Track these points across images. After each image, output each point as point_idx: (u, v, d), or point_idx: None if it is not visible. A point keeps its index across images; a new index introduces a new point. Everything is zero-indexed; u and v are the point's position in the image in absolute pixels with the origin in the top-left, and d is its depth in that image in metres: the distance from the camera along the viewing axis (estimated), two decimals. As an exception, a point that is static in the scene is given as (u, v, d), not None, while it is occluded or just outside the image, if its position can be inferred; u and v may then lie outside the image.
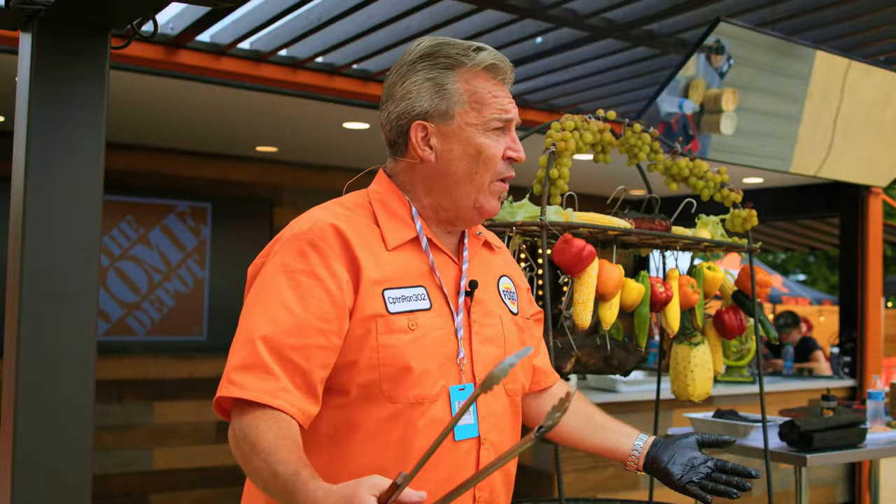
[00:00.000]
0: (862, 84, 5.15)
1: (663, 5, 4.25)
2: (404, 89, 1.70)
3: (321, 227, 1.60)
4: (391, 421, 1.57)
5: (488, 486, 1.69)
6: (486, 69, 1.70)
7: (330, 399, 1.58)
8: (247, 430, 1.47)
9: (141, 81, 4.99)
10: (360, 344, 1.57)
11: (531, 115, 6.03)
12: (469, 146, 1.68)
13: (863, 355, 7.69)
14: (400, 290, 1.62)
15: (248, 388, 1.48)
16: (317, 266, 1.56)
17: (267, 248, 1.66)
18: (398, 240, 1.67)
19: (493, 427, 1.69)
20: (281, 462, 1.42)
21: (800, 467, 3.91)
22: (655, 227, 3.21)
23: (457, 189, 1.69)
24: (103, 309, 6.76)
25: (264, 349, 1.50)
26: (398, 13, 4.34)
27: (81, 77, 1.78)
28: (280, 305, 1.54)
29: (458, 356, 1.65)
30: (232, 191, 7.31)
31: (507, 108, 1.71)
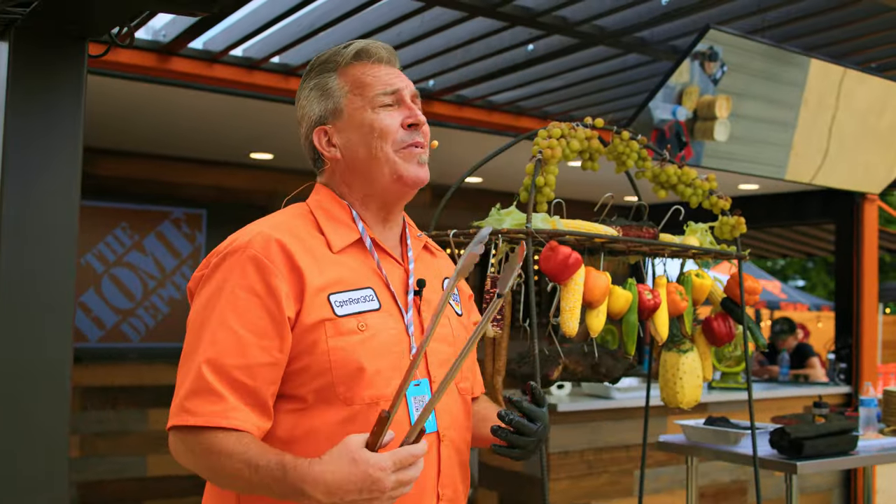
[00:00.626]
0: (857, 91, 5.15)
1: (654, 13, 4.25)
2: (300, 108, 1.80)
3: (261, 241, 1.61)
4: (348, 423, 1.57)
5: (451, 484, 1.71)
6: (356, 57, 1.76)
7: (286, 405, 1.60)
8: (207, 445, 1.51)
9: (134, 88, 4.99)
10: (311, 349, 1.58)
11: (523, 122, 6.04)
12: (363, 128, 1.72)
13: (858, 361, 7.68)
14: (347, 292, 1.63)
15: (200, 414, 1.51)
16: (255, 282, 1.57)
17: (205, 261, 1.66)
18: (343, 242, 1.69)
19: (451, 424, 1.72)
20: (259, 456, 1.47)
21: (790, 475, 3.90)
22: (643, 235, 3.21)
23: (368, 170, 1.73)
24: (97, 315, 6.76)
25: (209, 372, 1.52)
26: (390, 20, 4.34)
27: (59, 86, 1.77)
28: (220, 325, 1.55)
29: (411, 353, 1.66)
30: (227, 197, 7.31)
31: (391, 82, 1.75)
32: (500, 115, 5.98)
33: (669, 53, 4.78)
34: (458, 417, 1.75)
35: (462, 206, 6.75)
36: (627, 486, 6.04)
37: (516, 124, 6.00)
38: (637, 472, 6.06)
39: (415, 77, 5.27)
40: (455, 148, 6.59)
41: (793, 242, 12.54)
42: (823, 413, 4.70)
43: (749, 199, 8.67)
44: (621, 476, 6.01)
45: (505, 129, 6.03)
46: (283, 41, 4.64)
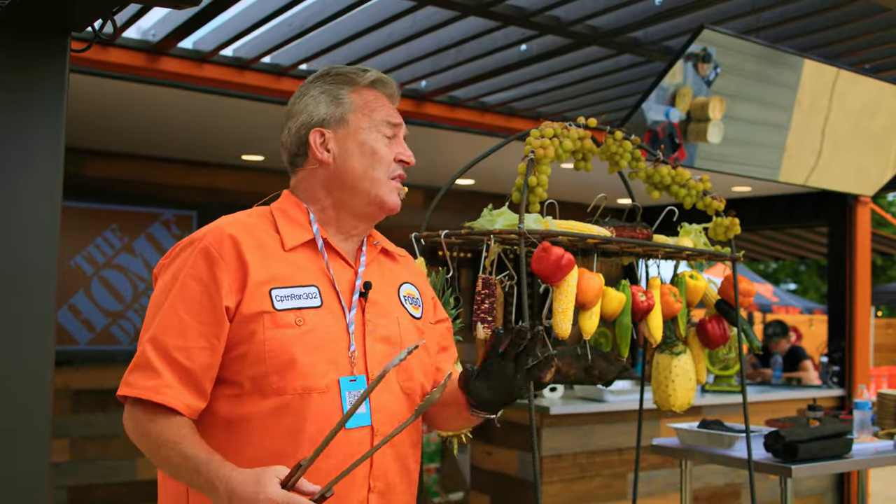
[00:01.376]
0: (850, 93, 5.14)
1: (648, 13, 4.23)
2: (302, 104, 1.89)
3: (215, 234, 1.73)
4: (281, 411, 1.67)
5: (383, 476, 1.77)
6: (372, 84, 1.91)
7: (224, 389, 1.70)
8: (146, 426, 1.65)
9: (123, 88, 4.95)
10: (249, 339, 1.68)
11: (516, 123, 6.01)
12: (364, 146, 1.85)
13: (851, 364, 7.66)
14: (289, 288, 1.73)
15: (135, 386, 1.65)
16: (202, 271, 1.69)
17: (169, 251, 1.79)
18: (295, 241, 1.79)
19: (387, 421, 1.76)
20: (191, 447, 1.61)
21: (785, 478, 3.88)
22: (636, 236, 3.18)
23: (356, 185, 1.84)
24: (87, 318, 6.70)
25: (151, 350, 1.66)
26: (381, 20, 4.31)
27: (40, 82, 1.73)
28: (169, 309, 1.68)
29: (350, 350, 1.75)
30: (217, 199, 7.27)
31: (396, 116, 1.92)
32: (493, 116, 5.95)
33: (663, 54, 4.76)
34: (395, 415, 1.79)
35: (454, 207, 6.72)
36: (620, 489, 6.01)
37: (509, 125, 5.97)
38: (630, 475, 6.03)
39: (406, 77, 5.24)
40: (447, 149, 6.56)
41: (785, 245, 12.54)
42: (818, 416, 4.68)
43: (741, 201, 8.66)
44: (614, 479, 5.98)
45: (497, 130, 6.00)
46: (273, 41, 4.61)
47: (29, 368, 1.79)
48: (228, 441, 1.68)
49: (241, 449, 1.67)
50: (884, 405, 4.94)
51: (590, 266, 3.07)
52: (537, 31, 4.45)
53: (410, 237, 2.98)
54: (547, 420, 5.64)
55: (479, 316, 2.80)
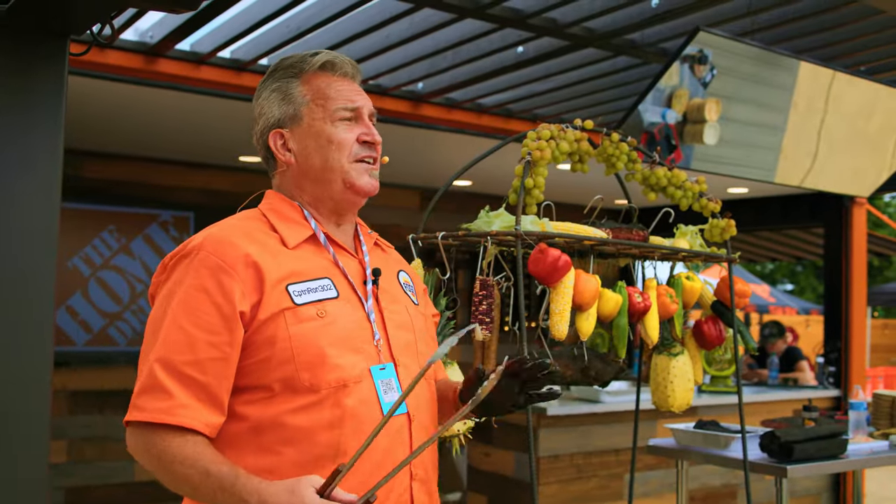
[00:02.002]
0: (846, 95, 5.15)
1: (644, 15, 4.24)
2: (259, 107, 1.85)
3: (212, 241, 1.66)
4: (317, 407, 1.62)
5: (422, 463, 1.76)
6: (322, 68, 1.83)
7: (251, 395, 1.64)
8: (161, 447, 1.56)
9: (121, 90, 4.95)
10: (273, 339, 1.62)
11: (513, 125, 6.02)
12: (320, 138, 1.79)
13: (847, 365, 7.68)
14: (305, 283, 1.68)
15: (147, 410, 1.56)
16: (205, 280, 1.61)
17: (161, 266, 1.72)
18: (297, 238, 1.75)
19: (419, 406, 1.77)
20: (212, 463, 1.54)
21: (780, 478, 3.89)
22: (633, 237, 3.20)
23: (321, 178, 1.80)
24: (84, 319, 6.71)
25: (159, 370, 1.57)
26: (378, 22, 4.32)
27: (39, 85, 1.74)
28: (172, 325, 1.60)
29: (375, 338, 1.73)
30: (215, 200, 7.28)
31: (353, 98, 1.83)
32: (490, 117, 5.96)
33: (659, 56, 4.77)
34: (424, 399, 1.81)
35: (451, 209, 6.74)
36: (617, 490, 6.02)
37: (506, 127, 5.98)
38: (626, 476, 6.04)
39: (404, 79, 5.24)
40: (444, 151, 6.57)
41: (782, 246, 12.56)
42: (813, 417, 4.70)
43: (738, 202, 8.68)
44: (610, 480, 5.99)
45: (494, 131, 6.01)
46: (271, 43, 4.61)
47: (28, 371, 1.80)
48: (261, 447, 1.62)
49: (279, 451, 1.61)
50: (879, 405, 4.96)
51: (586, 267, 3.09)
52: (534, 32, 4.46)
53: (408, 238, 3.00)
54: (544, 421, 5.65)
55: (478, 317, 2.82)
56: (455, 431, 2.86)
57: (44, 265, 1.81)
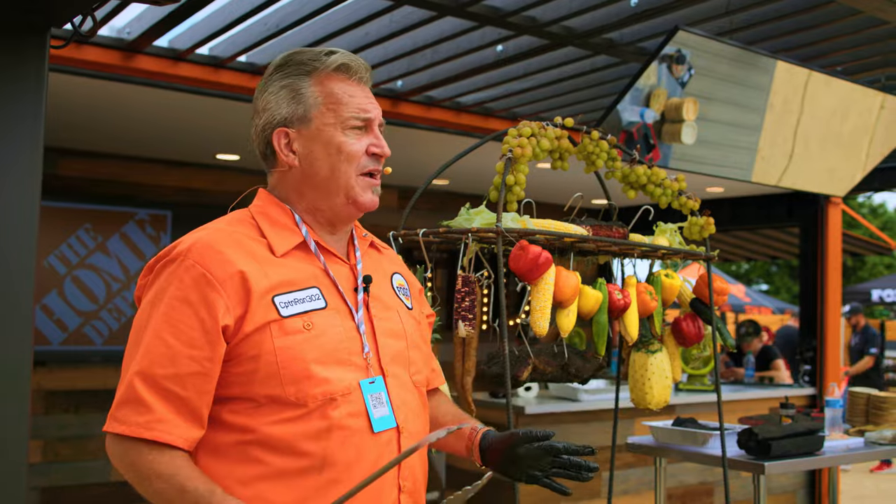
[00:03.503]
0: (821, 95, 5.19)
1: (623, 14, 4.25)
2: (264, 101, 1.76)
3: (199, 249, 1.61)
4: (304, 420, 1.59)
5: (411, 475, 1.74)
6: (337, 69, 1.75)
7: (239, 405, 1.61)
8: (138, 460, 1.55)
9: (97, 87, 4.91)
10: (258, 352, 1.59)
11: (492, 124, 6.02)
12: (330, 146, 1.72)
13: (822, 363, 7.74)
14: (291, 293, 1.64)
15: (126, 423, 1.54)
16: (190, 292, 1.58)
17: (147, 268, 1.68)
18: (286, 246, 1.70)
19: (408, 417, 1.74)
20: (188, 479, 1.53)
21: (758, 475, 3.91)
22: (613, 235, 3.21)
23: (325, 188, 1.74)
24: (60, 318, 6.65)
25: (139, 383, 1.55)
26: (357, 20, 4.31)
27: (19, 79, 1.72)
28: (154, 337, 1.57)
29: (364, 351, 1.68)
30: (193, 198, 7.23)
31: (366, 108, 1.77)
32: (469, 116, 5.96)
33: (638, 55, 4.79)
34: (414, 409, 1.77)
35: (428, 207, 6.73)
36: (594, 488, 6.03)
37: (485, 125, 5.98)
38: (604, 474, 6.06)
39: (383, 77, 5.23)
40: (422, 149, 6.56)
41: (758, 245, 12.65)
42: (790, 414, 4.73)
43: (715, 202, 8.73)
44: (589, 478, 6.00)
45: (473, 130, 6.01)
46: (249, 40, 4.59)
47: (7, 369, 1.78)
48: (247, 456, 1.59)
49: (265, 461, 1.59)
50: (855, 403, 5.01)
51: (566, 265, 3.09)
52: (513, 31, 4.46)
53: (388, 236, 2.99)
54: (522, 420, 5.65)
55: (460, 314, 2.82)
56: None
57: (24, 263, 1.79)
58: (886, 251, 13.37)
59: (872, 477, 10.05)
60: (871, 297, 17.15)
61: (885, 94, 5.40)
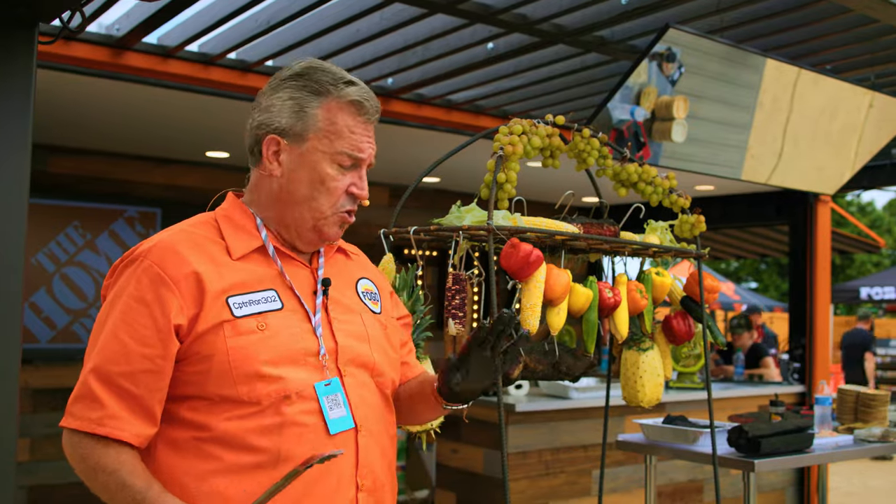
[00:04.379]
0: (810, 94, 5.21)
1: (614, 11, 4.25)
2: (269, 101, 1.77)
3: (158, 250, 1.65)
4: (257, 416, 1.62)
5: (370, 473, 1.73)
6: (351, 103, 1.76)
7: (194, 403, 1.64)
8: (87, 453, 1.59)
9: (86, 84, 4.89)
10: (211, 352, 1.62)
11: (482, 121, 6.02)
12: (314, 172, 1.74)
13: (812, 361, 7.77)
14: (246, 294, 1.67)
15: (78, 417, 1.59)
16: (146, 291, 1.62)
17: (111, 269, 1.71)
18: (243, 249, 1.72)
19: (368, 415, 1.75)
20: (129, 475, 1.57)
21: (748, 472, 3.91)
22: (604, 233, 3.20)
23: (296, 209, 1.76)
24: (48, 315, 6.62)
25: (94, 379, 1.59)
26: (348, 17, 4.30)
27: (7, 75, 1.71)
28: (110, 335, 1.61)
29: (320, 353, 1.70)
30: (182, 196, 7.21)
31: (362, 148, 1.77)
32: (459, 113, 5.96)
33: (629, 53, 4.79)
34: (375, 409, 1.78)
35: (417, 205, 6.72)
36: (585, 486, 6.04)
37: (475, 123, 5.98)
38: (594, 471, 6.07)
39: (373, 75, 5.23)
40: (413, 147, 6.56)
41: (747, 244, 12.68)
42: (780, 411, 4.74)
43: (705, 200, 8.75)
44: (579, 476, 6.01)
45: (464, 127, 6.01)
46: (239, 37, 4.58)
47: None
48: (202, 452, 1.62)
49: (219, 457, 1.61)
50: (844, 401, 5.02)
51: (557, 263, 3.09)
52: (504, 28, 4.46)
53: (379, 234, 2.98)
54: (513, 417, 5.66)
55: (451, 312, 2.81)
56: (426, 427, 2.85)
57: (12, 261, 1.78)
58: (875, 249, 13.44)
59: (861, 474, 10.10)
60: (860, 294, 17.20)
61: (874, 93, 5.42)
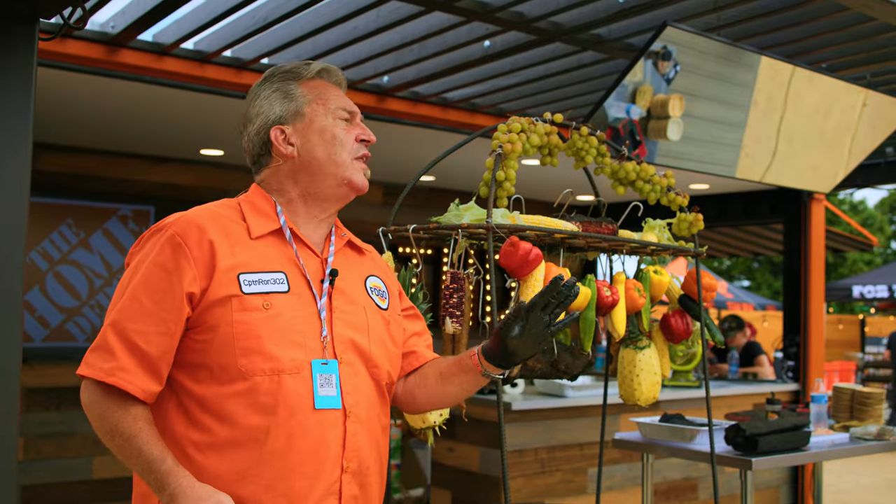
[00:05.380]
0: (805, 92, 5.21)
1: (611, 9, 4.25)
2: (257, 107, 1.94)
3: (182, 222, 1.77)
4: (251, 393, 1.70)
5: (356, 456, 1.80)
6: (319, 74, 1.97)
7: (196, 373, 1.74)
8: (104, 411, 1.68)
9: (81, 81, 4.87)
10: (218, 322, 1.72)
11: (479, 120, 6.01)
12: (325, 133, 1.91)
13: (806, 359, 7.78)
14: (257, 274, 1.77)
15: (92, 366, 1.69)
16: (167, 259, 1.73)
17: (141, 237, 1.83)
18: (262, 230, 1.84)
19: (359, 402, 1.82)
20: (145, 444, 1.66)
21: (745, 471, 3.92)
22: (602, 231, 3.20)
23: (321, 171, 1.90)
24: (41, 314, 6.59)
25: (111, 333, 1.70)
26: (345, 14, 4.28)
27: (7, 71, 1.69)
28: (132, 295, 1.72)
29: (322, 335, 1.80)
30: (176, 194, 7.19)
31: (348, 104, 1.97)
32: (456, 112, 5.94)
33: (626, 51, 4.79)
34: (367, 398, 1.85)
35: (413, 203, 6.71)
36: (581, 484, 6.04)
37: (471, 121, 5.97)
38: (590, 470, 6.07)
39: (369, 73, 5.21)
40: (408, 145, 6.55)
41: (741, 242, 12.70)
42: (776, 410, 4.74)
43: (700, 198, 8.76)
44: (574, 475, 6.01)
45: (460, 126, 6.00)
46: (235, 34, 4.56)
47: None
48: (198, 423, 1.72)
49: (213, 430, 1.71)
50: (839, 399, 5.03)
51: (556, 261, 3.09)
52: (501, 27, 4.45)
53: (377, 232, 2.97)
54: (509, 416, 5.65)
55: (448, 310, 2.80)
56: (431, 423, 2.85)
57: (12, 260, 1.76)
58: (868, 247, 13.47)
59: (853, 472, 10.12)
60: (852, 293, 17.26)
61: (868, 91, 5.42)
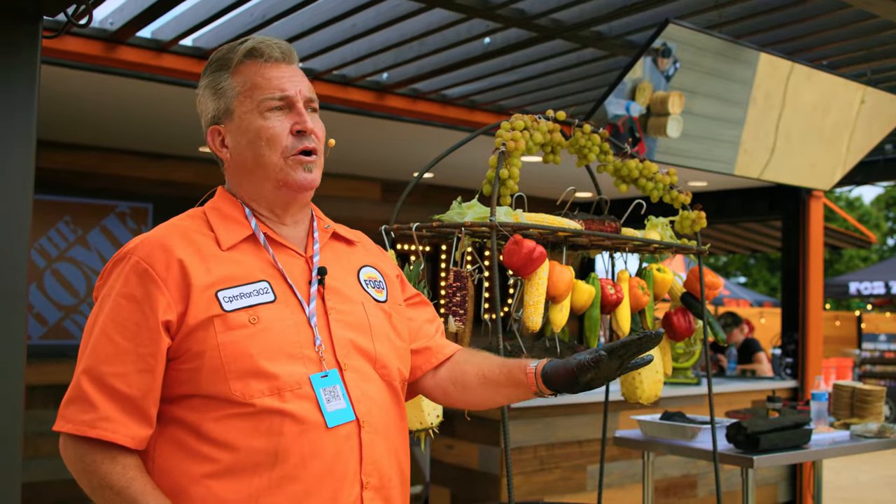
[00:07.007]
0: (803, 89, 5.20)
1: (612, 6, 4.24)
2: (198, 105, 1.78)
3: (145, 246, 1.61)
4: (254, 416, 1.56)
5: (376, 470, 1.67)
6: (248, 55, 1.73)
7: (189, 403, 1.59)
8: (91, 465, 1.54)
9: (79, 78, 4.85)
10: (202, 348, 1.57)
11: (479, 117, 5.99)
12: (250, 132, 1.70)
13: (804, 356, 7.78)
14: (237, 288, 1.62)
15: (70, 421, 1.54)
16: (134, 289, 1.58)
17: (104, 269, 1.68)
18: (232, 239, 1.68)
19: (371, 409, 1.69)
20: (140, 494, 1.52)
21: (746, 468, 3.91)
22: (605, 229, 3.19)
23: (254, 175, 1.72)
24: (39, 312, 6.58)
25: (86, 380, 1.55)
26: (344, 11, 4.27)
27: (11, 69, 1.68)
28: (101, 334, 1.57)
29: (316, 344, 1.65)
30: (174, 191, 7.18)
31: (283, 87, 1.72)
32: (455, 109, 5.92)
33: (626, 48, 4.78)
34: (379, 403, 1.72)
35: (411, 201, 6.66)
36: (580, 481, 6.04)
37: (471, 119, 5.95)
38: (589, 467, 6.07)
39: (368, 70, 5.20)
40: (407, 142, 6.53)
41: (739, 239, 12.71)
42: (777, 407, 4.74)
43: (698, 195, 8.75)
44: (573, 472, 6.01)
45: (459, 123, 5.98)
46: (234, 31, 4.54)
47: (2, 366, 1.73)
48: (199, 454, 1.57)
49: (216, 459, 1.56)
50: (839, 396, 5.03)
51: (559, 259, 3.08)
52: (501, 23, 4.44)
53: (379, 230, 2.96)
54: (508, 413, 5.64)
55: (451, 309, 2.79)
56: (428, 425, 2.83)
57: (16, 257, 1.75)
58: (866, 244, 13.47)
59: (851, 469, 10.13)
60: (849, 289, 17.28)
61: (866, 88, 5.42)
